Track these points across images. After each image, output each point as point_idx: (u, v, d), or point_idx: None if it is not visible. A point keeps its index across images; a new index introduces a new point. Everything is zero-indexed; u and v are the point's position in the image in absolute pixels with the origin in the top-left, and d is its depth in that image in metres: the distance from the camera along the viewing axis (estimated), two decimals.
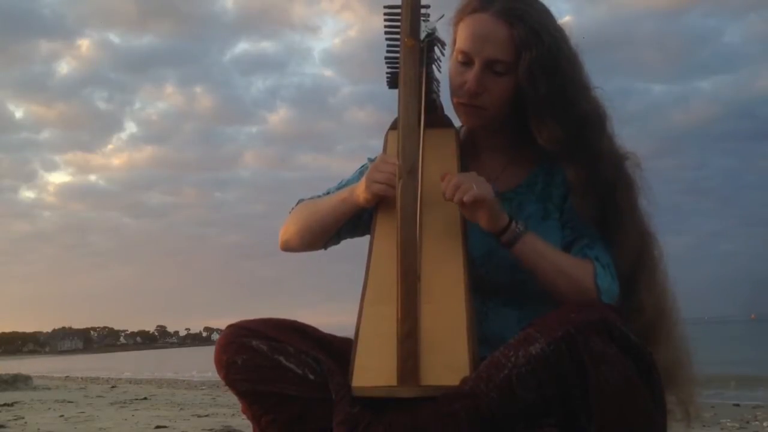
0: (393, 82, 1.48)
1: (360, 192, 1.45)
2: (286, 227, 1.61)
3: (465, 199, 1.33)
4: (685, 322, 1.50)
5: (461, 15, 1.45)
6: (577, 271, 1.39)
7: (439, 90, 1.53)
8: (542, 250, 1.39)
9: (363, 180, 1.45)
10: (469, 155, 1.55)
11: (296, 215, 1.60)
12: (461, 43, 1.43)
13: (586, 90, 1.42)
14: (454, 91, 1.47)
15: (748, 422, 5.51)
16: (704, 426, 5.10)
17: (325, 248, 1.62)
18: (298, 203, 1.65)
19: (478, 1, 1.43)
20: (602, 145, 1.41)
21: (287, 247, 1.62)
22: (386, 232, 1.41)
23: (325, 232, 1.56)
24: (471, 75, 1.42)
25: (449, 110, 1.53)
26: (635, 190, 1.43)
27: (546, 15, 1.42)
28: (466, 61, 1.43)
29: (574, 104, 1.39)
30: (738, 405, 7.50)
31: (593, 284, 1.38)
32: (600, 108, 1.42)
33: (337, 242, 1.62)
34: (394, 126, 1.52)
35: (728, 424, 5.30)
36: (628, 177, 1.43)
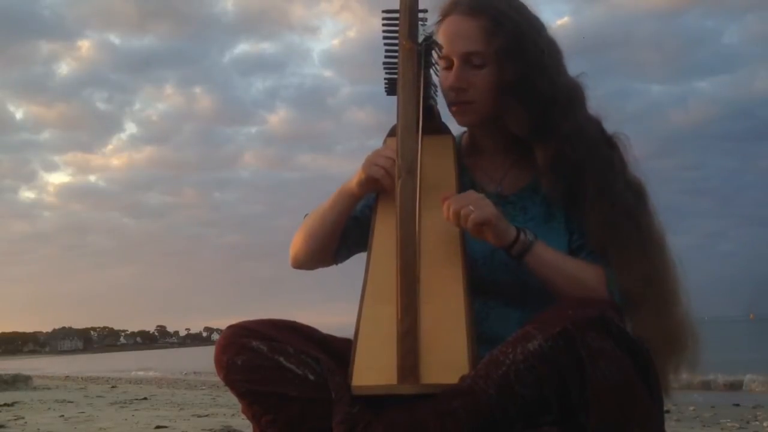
0: (391, 89, 1.49)
1: (354, 176, 1.46)
2: (294, 242, 1.61)
3: (468, 226, 1.33)
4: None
5: (438, 24, 1.49)
6: (588, 278, 1.38)
7: (436, 96, 1.54)
8: (553, 260, 1.38)
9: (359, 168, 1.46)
10: (472, 158, 1.55)
11: (301, 227, 1.60)
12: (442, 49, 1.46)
13: (555, 75, 1.43)
14: (445, 95, 1.50)
15: (748, 422, 5.51)
16: (704, 426, 5.11)
17: (336, 263, 1.62)
18: (304, 219, 1.64)
19: (447, 4, 1.48)
20: (570, 127, 1.42)
21: (297, 263, 1.61)
22: (385, 231, 1.42)
23: (328, 233, 1.55)
24: (452, 73, 1.44)
25: (447, 118, 1.55)
26: (612, 170, 1.42)
27: (508, 3, 1.45)
28: (448, 65, 1.46)
29: (539, 89, 1.41)
30: (738, 405, 7.49)
31: (605, 291, 1.38)
32: (570, 91, 1.44)
33: (347, 255, 1.61)
34: (392, 133, 1.53)
35: (728, 424, 5.29)
36: (604, 157, 1.43)
